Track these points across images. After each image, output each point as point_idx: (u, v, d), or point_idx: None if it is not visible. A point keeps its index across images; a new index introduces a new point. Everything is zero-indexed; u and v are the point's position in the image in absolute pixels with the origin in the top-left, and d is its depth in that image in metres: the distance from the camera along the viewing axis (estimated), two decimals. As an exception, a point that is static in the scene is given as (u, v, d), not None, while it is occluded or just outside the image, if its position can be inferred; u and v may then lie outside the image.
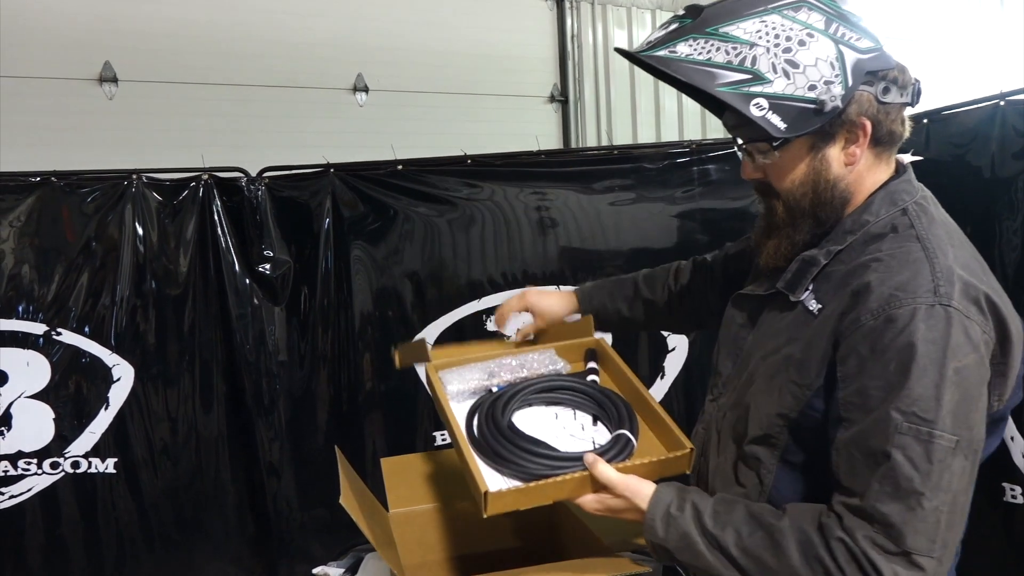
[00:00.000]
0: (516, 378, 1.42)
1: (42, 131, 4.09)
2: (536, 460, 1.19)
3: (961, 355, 0.99)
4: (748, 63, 1.04)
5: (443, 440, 2.98)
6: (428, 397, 2.94)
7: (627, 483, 1.15)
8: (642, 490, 1.15)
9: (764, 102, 1.03)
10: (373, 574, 1.88)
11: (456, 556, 1.59)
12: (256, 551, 3.00)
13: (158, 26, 4.39)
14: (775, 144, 1.10)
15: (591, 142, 5.71)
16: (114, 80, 4.30)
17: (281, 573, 2.99)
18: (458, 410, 1.36)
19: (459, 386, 1.42)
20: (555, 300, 1.66)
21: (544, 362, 1.47)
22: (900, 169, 1.18)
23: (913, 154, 2.17)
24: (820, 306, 1.11)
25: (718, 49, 1.04)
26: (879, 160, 1.15)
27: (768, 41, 1.04)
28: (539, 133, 4.17)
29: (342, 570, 2.85)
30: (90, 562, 2.81)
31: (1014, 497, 2.19)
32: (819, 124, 1.06)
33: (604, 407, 1.32)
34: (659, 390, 2.94)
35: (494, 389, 1.40)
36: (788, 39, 1.04)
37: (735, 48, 1.04)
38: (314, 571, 2.89)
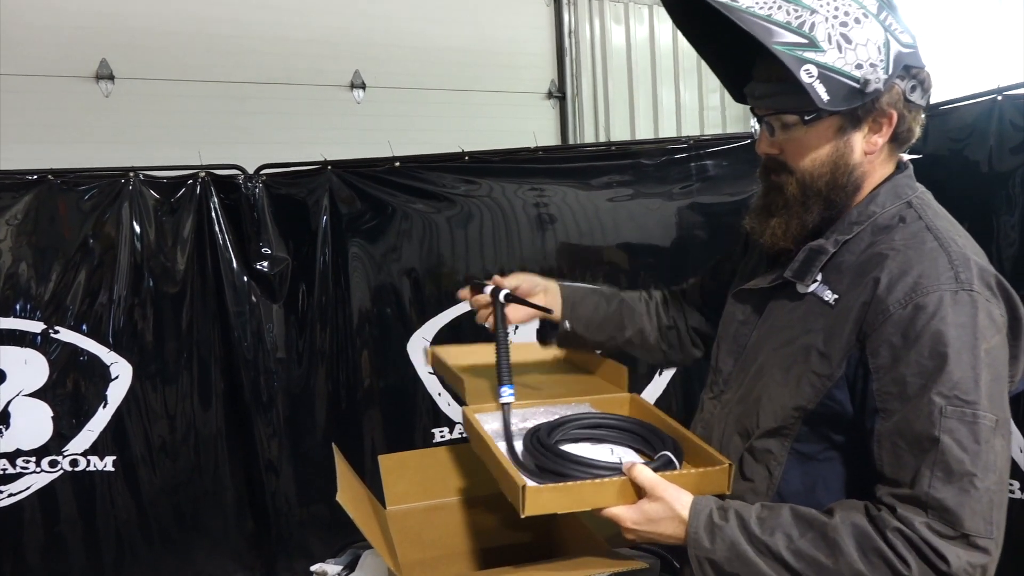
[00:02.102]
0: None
1: (39, 128, 4.08)
2: (574, 467, 1.15)
3: (989, 336, 1.00)
4: (807, 28, 1.03)
5: (441, 437, 2.98)
6: (426, 394, 2.95)
7: (666, 485, 1.10)
8: (681, 496, 1.10)
9: (814, 70, 1.03)
10: (371, 571, 1.88)
11: (454, 553, 1.59)
12: (255, 548, 3.00)
13: (155, 23, 4.38)
14: (807, 118, 1.09)
15: (589, 138, 5.71)
16: (111, 77, 4.29)
17: (280, 570, 2.99)
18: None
19: (495, 427, 1.37)
20: (535, 288, 1.50)
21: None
22: (902, 166, 1.20)
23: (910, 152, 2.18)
24: (836, 296, 1.11)
25: (779, 7, 1.04)
26: (891, 156, 1.17)
27: (828, 11, 1.04)
28: (537, 129, 4.17)
29: (340, 567, 2.85)
30: (89, 560, 2.81)
31: (1011, 492, 2.20)
32: (859, 104, 1.06)
33: (650, 441, 1.28)
34: (658, 387, 2.94)
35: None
36: (846, 13, 1.05)
37: (796, 10, 1.04)
38: (312, 568, 2.89)
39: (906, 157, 1.21)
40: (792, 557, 1.01)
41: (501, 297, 1.41)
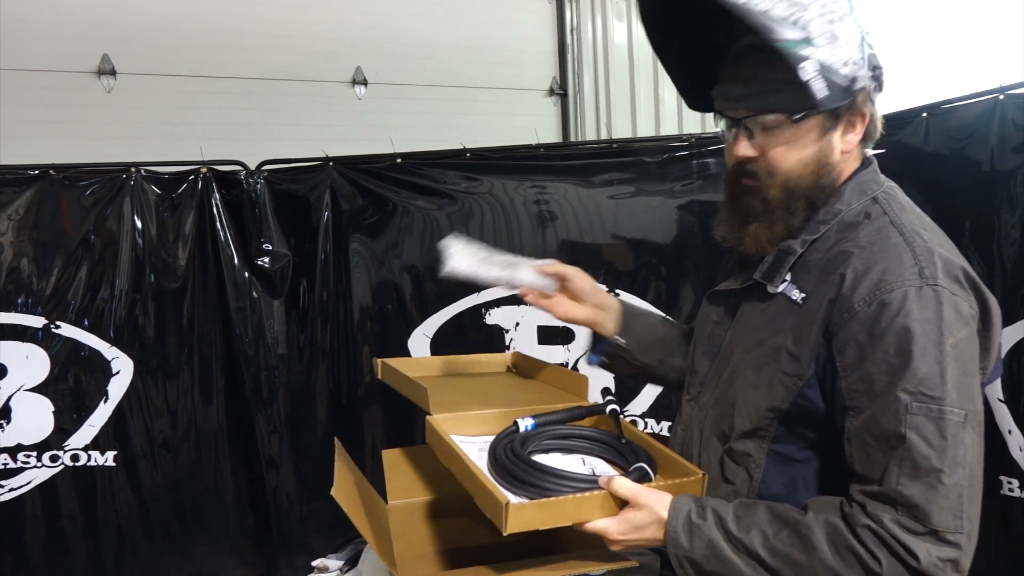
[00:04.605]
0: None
1: (40, 124, 4.08)
2: (553, 480, 1.15)
3: (955, 331, 1.00)
4: (803, 24, 1.03)
5: (442, 433, 2.98)
6: (427, 390, 2.94)
7: (648, 492, 1.11)
8: (662, 499, 1.10)
9: (813, 66, 1.02)
10: (372, 566, 1.89)
11: (455, 548, 1.60)
12: (255, 544, 3.01)
13: (156, 19, 4.37)
14: (796, 117, 1.09)
15: (590, 135, 5.70)
16: (112, 73, 4.29)
17: (280, 565, 2.99)
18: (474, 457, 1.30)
19: (471, 446, 1.35)
20: (596, 293, 1.43)
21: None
22: (866, 161, 1.20)
23: (881, 147, 2.19)
24: (803, 295, 1.11)
25: (778, 3, 1.03)
26: (859, 154, 1.18)
27: (818, 8, 1.04)
28: (538, 126, 4.15)
29: (341, 562, 2.86)
30: (89, 555, 2.82)
31: (1011, 490, 2.20)
32: (846, 101, 1.06)
33: (622, 452, 1.28)
34: (656, 388, 2.94)
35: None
36: (832, 11, 1.05)
37: (792, 6, 1.03)
38: (313, 563, 2.90)
39: (870, 152, 1.22)
40: (768, 555, 1.03)
41: (607, 411, 1.38)
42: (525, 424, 1.33)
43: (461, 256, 1.39)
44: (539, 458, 1.25)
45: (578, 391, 1.54)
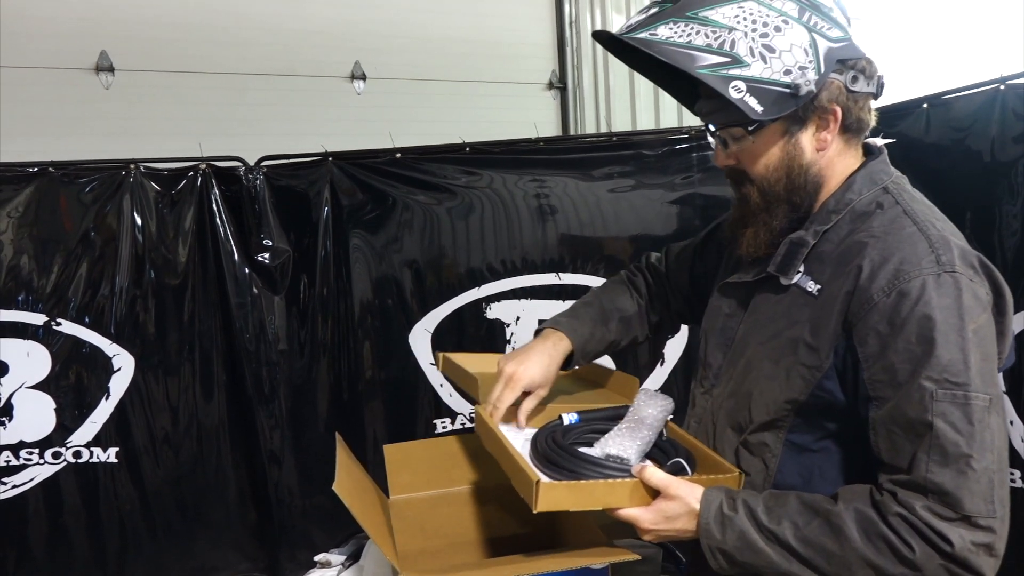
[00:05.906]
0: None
1: (39, 121, 4.07)
2: (587, 466, 1.17)
3: (975, 316, 1.01)
4: (727, 47, 1.06)
5: (443, 428, 2.98)
6: (428, 385, 2.95)
7: (679, 484, 1.13)
8: (694, 491, 1.12)
9: (742, 85, 1.05)
10: (374, 560, 1.89)
11: (456, 543, 1.60)
12: (257, 539, 3.01)
13: (154, 15, 4.37)
14: (750, 129, 1.12)
15: (590, 129, 5.69)
16: (111, 69, 4.29)
17: (282, 560, 3.00)
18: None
19: (514, 435, 1.38)
20: (543, 361, 1.41)
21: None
22: (875, 151, 1.21)
23: (884, 137, 2.18)
24: (819, 286, 1.12)
25: (698, 32, 1.06)
26: (848, 146, 1.18)
27: (746, 26, 1.06)
28: (538, 120, 4.16)
29: (343, 557, 2.87)
30: (92, 551, 2.82)
31: (1013, 481, 2.20)
32: (793, 108, 1.09)
33: (664, 449, 1.29)
34: (659, 377, 2.94)
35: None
36: (765, 24, 1.07)
37: (715, 32, 1.06)
38: (315, 558, 2.90)
39: (880, 142, 1.23)
40: (800, 544, 1.03)
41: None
42: (569, 418, 1.36)
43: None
44: (579, 450, 1.26)
45: (627, 392, 1.56)
